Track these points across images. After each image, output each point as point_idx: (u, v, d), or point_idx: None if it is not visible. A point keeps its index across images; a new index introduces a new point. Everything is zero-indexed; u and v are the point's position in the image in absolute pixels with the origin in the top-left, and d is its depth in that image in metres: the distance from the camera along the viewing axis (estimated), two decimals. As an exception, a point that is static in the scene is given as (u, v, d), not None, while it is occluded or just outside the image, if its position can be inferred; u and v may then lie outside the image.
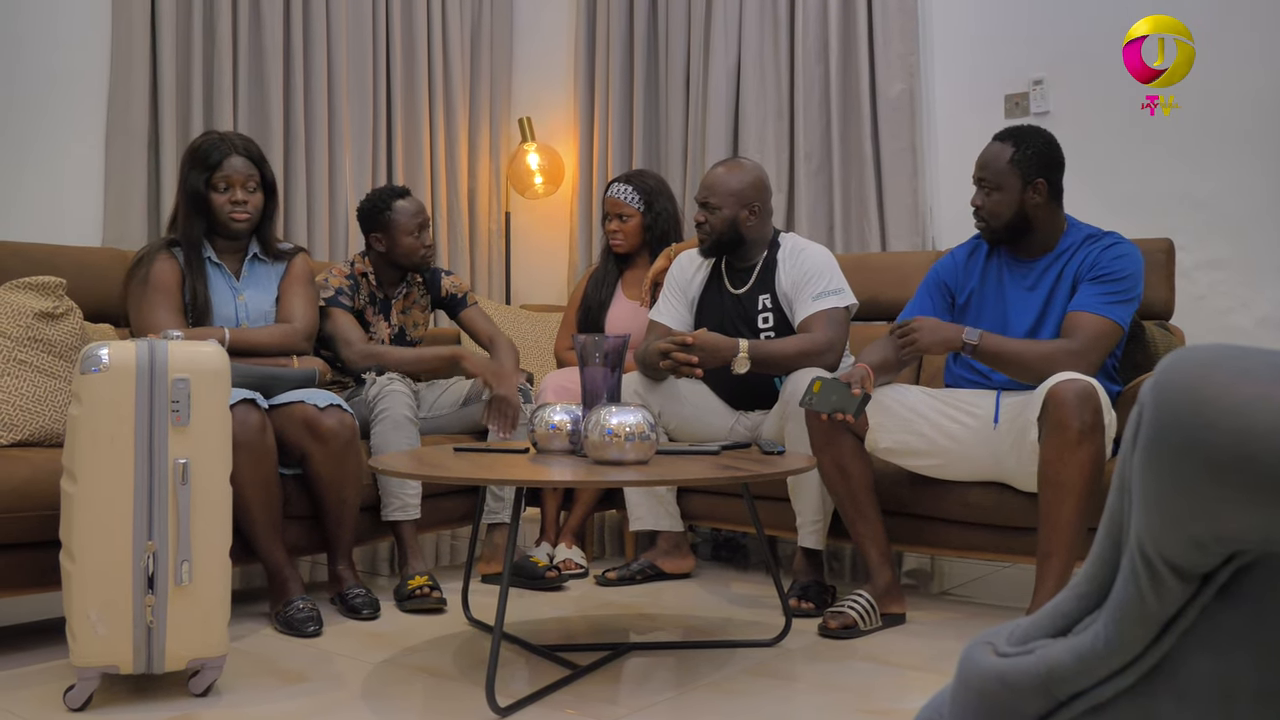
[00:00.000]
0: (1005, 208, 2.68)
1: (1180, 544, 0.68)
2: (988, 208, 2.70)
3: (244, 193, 2.91)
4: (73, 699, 2.00)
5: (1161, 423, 0.68)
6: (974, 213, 2.75)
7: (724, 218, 3.03)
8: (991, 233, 2.73)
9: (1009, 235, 2.72)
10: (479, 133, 4.98)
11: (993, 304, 2.76)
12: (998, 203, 2.68)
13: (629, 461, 2.18)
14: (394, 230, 3.26)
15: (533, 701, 2.06)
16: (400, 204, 3.28)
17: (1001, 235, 2.72)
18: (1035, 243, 2.72)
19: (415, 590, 2.79)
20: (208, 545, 2.05)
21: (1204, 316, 3.34)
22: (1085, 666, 0.74)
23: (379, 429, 2.94)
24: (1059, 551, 2.37)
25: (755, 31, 4.33)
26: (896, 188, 4.01)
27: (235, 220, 2.90)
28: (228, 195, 2.89)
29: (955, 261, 2.87)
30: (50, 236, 3.30)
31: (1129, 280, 2.60)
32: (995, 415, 2.59)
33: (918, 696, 2.11)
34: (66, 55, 3.70)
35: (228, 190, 2.89)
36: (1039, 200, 2.67)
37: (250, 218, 2.93)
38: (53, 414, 2.64)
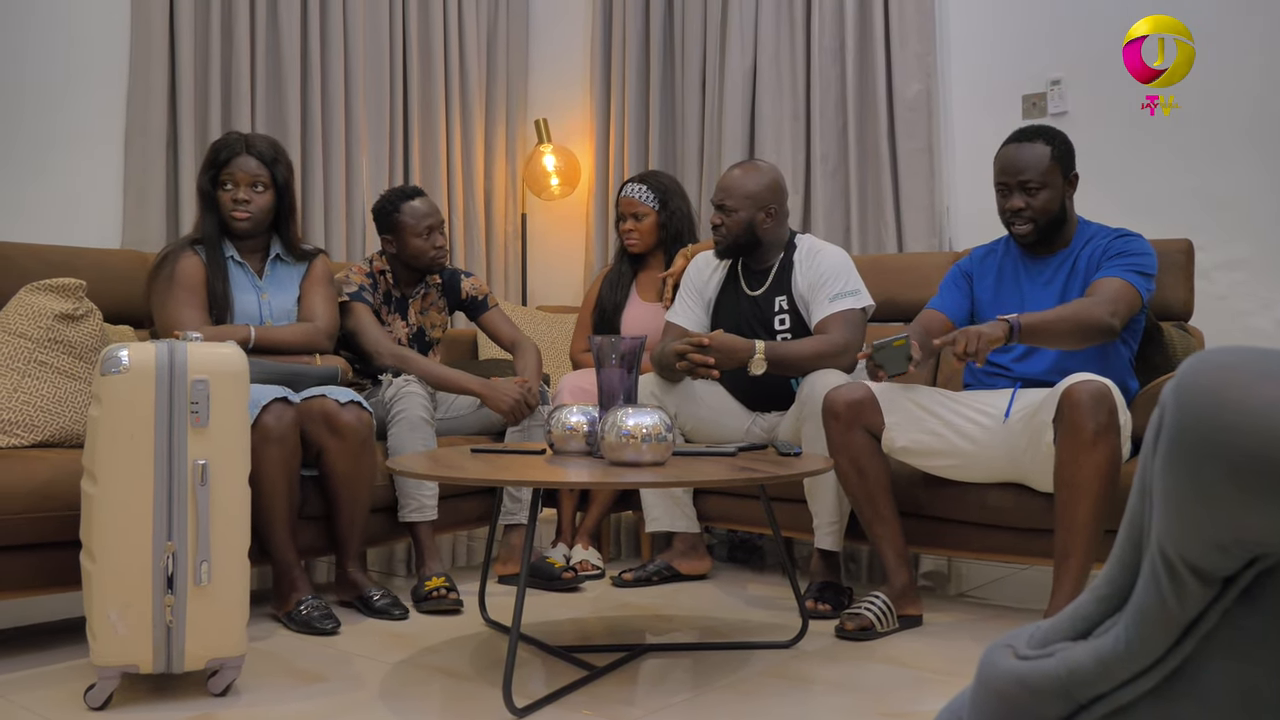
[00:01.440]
0: (1053, 204, 2.70)
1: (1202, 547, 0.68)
2: (1036, 208, 2.69)
3: (247, 191, 2.91)
4: (93, 698, 2.01)
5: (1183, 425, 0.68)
6: (1015, 214, 2.72)
7: (740, 220, 3.03)
8: (1040, 233, 2.72)
9: (1050, 232, 2.73)
10: (495, 134, 4.99)
11: (1010, 301, 2.76)
12: (1048, 200, 2.69)
13: (645, 463, 2.18)
14: (403, 232, 3.26)
15: (549, 702, 2.06)
16: (409, 206, 3.26)
17: (1047, 234, 2.73)
18: (1057, 238, 2.75)
19: (432, 591, 2.79)
20: (227, 546, 2.06)
21: (1224, 318, 3.32)
22: (1106, 669, 0.74)
23: (396, 430, 2.94)
24: (1076, 553, 2.37)
25: (771, 32, 4.33)
26: (913, 188, 4.00)
27: (235, 219, 2.91)
28: (231, 193, 2.91)
29: (974, 258, 2.91)
30: (70, 239, 3.32)
31: (1145, 257, 2.64)
32: (1007, 410, 2.58)
33: (935, 699, 2.10)
34: (85, 57, 3.72)
35: (231, 189, 2.91)
36: (1071, 194, 2.73)
37: (251, 217, 2.92)
38: (73, 415, 2.66)
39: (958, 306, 2.85)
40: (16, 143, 3.55)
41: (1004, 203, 2.74)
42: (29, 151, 3.57)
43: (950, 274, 2.92)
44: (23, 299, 2.69)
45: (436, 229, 3.29)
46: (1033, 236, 2.72)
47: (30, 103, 3.57)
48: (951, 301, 2.85)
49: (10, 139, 3.53)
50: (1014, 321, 2.48)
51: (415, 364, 3.14)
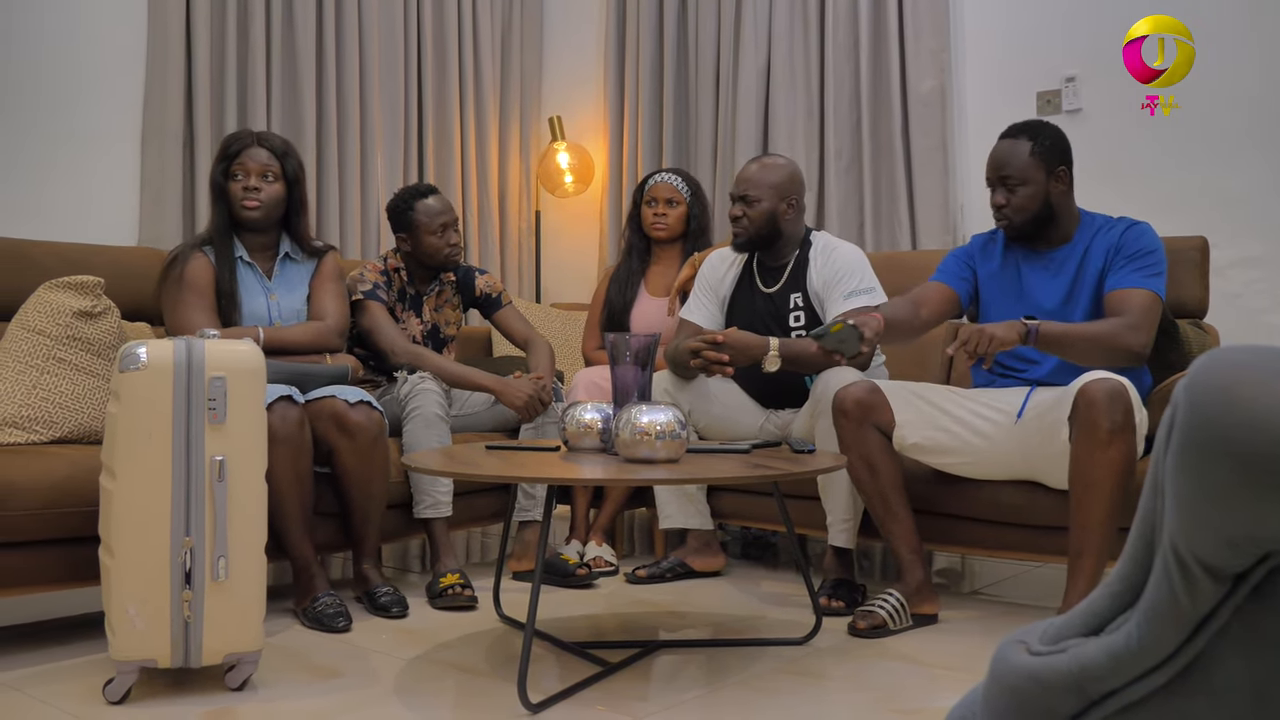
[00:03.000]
0: (1033, 201, 2.68)
1: (1213, 544, 0.68)
2: (1014, 204, 2.69)
3: (258, 180, 2.92)
4: (112, 692, 2.03)
5: (1195, 423, 0.68)
6: (996, 212, 2.74)
7: (763, 210, 3.03)
8: (1016, 229, 2.72)
9: (1034, 228, 2.72)
10: (509, 132, 5.00)
11: (1011, 291, 2.76)
12: (1026, 197, 2.68)
13: (659, 460, 2.18)
14: (417, 230, 3.27)
15: (564, 698, 2.07)
16: (423, 203, 3.28)
17: (1027, 229, 2.72)
18: (1055, 233, 2.73)
19: (447, 588, 2.80)
20: (244, 541, 2.07)
21: (1239, 315, 3.31)
22: (1118, 665, 0.74)
23: (411, 427, 2.95)
24: (1090, 551, 2.37)
25: (785, 29, 4.33)
26: (927, 185, 4.00)
27: (246, 207, 2.92)
28: (241, 183, 2.92)
29: (974, 246, 2.90)
30: (87, 236, 3.34)
31: (1157, 254, 2.62)
32: (1020, 410, 2.58)
33: (948, 696, 2.10)
34: (102, 57, 3.75)
35: (242, 178, 2.92)
36: (1062, 189, 2.70)
37: (261, 206, 2.93)
38: (92, 411, 2.68)
39: (961, 281, 2.85)
40: (34, 141, 3.57)
41: (991, 198, 2.76)
42: (46, 150, 3.60)
43: (952, 254, 2.92)
44: (41, 296, 2.71)
45: (451, 226, 3.30)
46: (1012, 233, 2.74)
47: (47, 102, 3.59)
48: (955, 276, 2.85)
49: (28, 138, 3.56)
50: (1032, 327, 2.46)
51: (430, 361, 3.15)
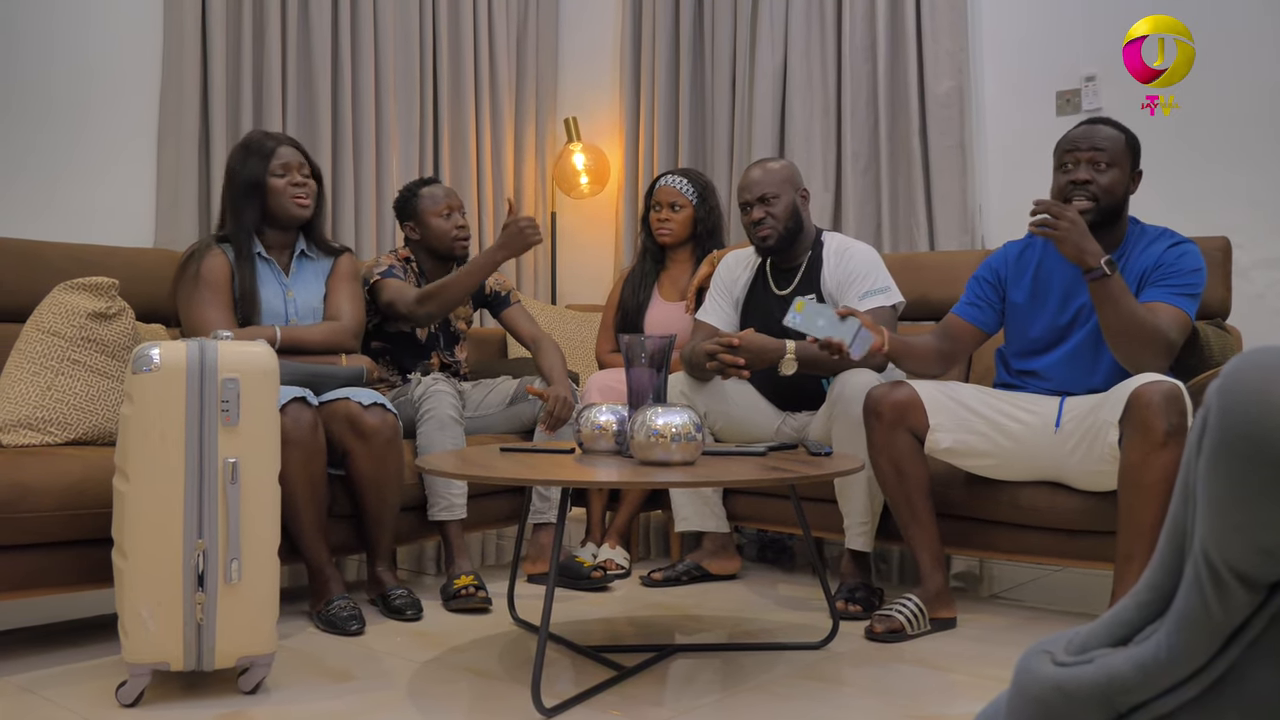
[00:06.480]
0: (1119, 187, 2.57)
1: (1247, 551, 0.67)
2: (1102, 183, 2.55)
3: (302, 177, 2.95)
4: (124, 695, 2.02)
5: (1227, 427, 0.66)
6: (1077, 188, 2.56)
7: (786, 205, 3.03)
8: (1099, 213, 2.56)
9: (1102, 218, 2.56)
10: (525, 133, 5.00)
11: (1057, 290, 2.69)
12: (1114, 180, 2.56)
13: (675, 462, 2.17)
14: (423, 214, 3.32)
15: (578, 702, 2.05)
16: (427, 190, 3.36)
17: (1104, 216, 2.56)
18: (1109, 234, 2.60)
19: (461, 590, 2.79)
20: (257, 544, 2.06)
21: (1262, 316, 3.28)
22: (1147, 677, 0.72)
23: (425, 429, 2.95)
24: (1140, 555, 2.30)
25: (802, 29, 4.31)
26: (945, 186, 3.97)
27: (299, 203, 2.94)
28: (287, 179, 2.93)
29: (1007, 255, 2.82)
30: (103, 238, 3.35)
31: (1196, 275, 2.54)
32: (1057, 420, 2.55)
33: (966, 702, 2.08)
34: (118, 57, 3.75)
35: (286, 175, 2.93)
36: (1132, 191, 2.62)
37: (312, 203, 2.97)
38: (105, 413, 2.68)
39: (977, 308, 2.79)
40: (50, 143, 3.58)
41: (1064, 177, 2.59)
42: (62, 151, 3.61)
43: (976, 276, 2.83)
44: (56, 298, 2.71)
45: (456, 209, 3.36)
46: (1093, 215, 2.54)
47: (62, 103, 3.60)
48: (978, 314, 2.78)
49: (44, 139, 3.56)
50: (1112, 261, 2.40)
51: (448, 287, 3.09)
